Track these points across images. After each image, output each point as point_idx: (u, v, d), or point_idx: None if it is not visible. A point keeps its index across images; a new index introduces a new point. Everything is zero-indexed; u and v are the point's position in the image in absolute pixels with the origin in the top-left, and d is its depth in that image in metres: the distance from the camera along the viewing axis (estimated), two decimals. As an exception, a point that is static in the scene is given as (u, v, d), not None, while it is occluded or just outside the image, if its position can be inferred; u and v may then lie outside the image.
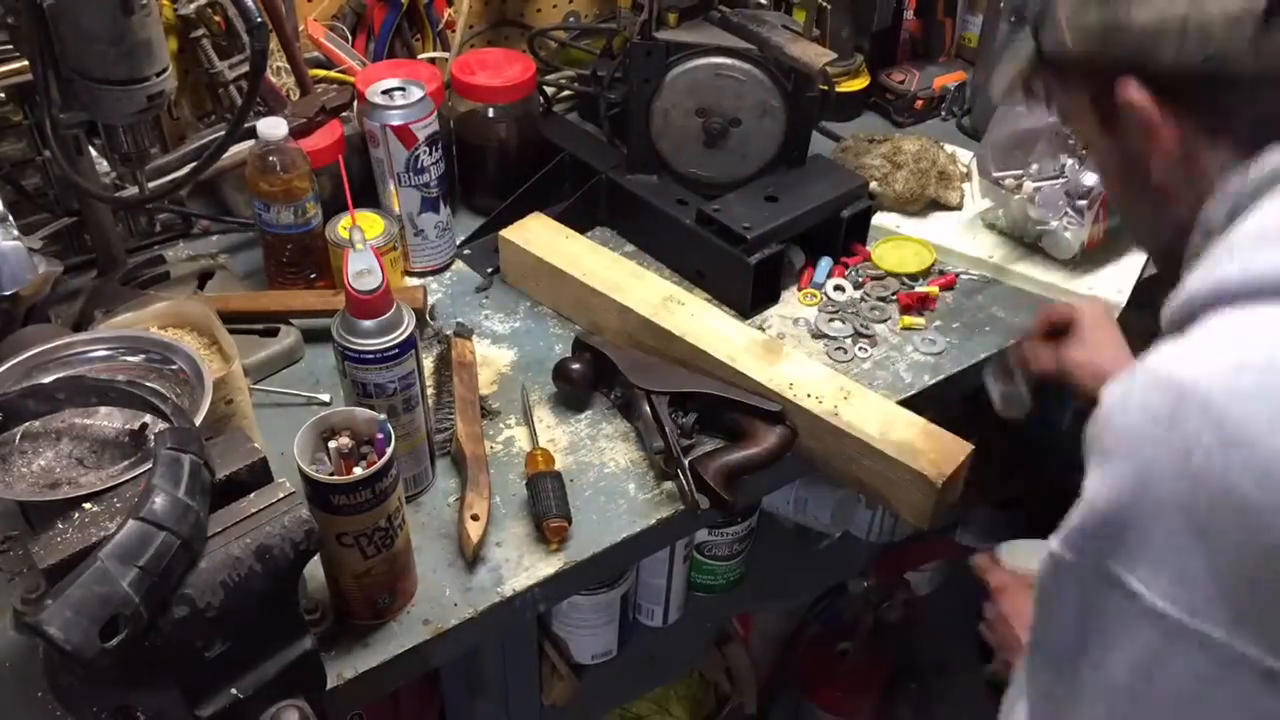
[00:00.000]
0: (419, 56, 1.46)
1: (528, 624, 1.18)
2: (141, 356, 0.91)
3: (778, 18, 1.28)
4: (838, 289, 1.28)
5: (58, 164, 1.04)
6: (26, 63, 1.03)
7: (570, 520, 0.99)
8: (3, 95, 1.11)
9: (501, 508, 1.02)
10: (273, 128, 1.11)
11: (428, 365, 1.15)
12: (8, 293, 0.99)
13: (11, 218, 1.01)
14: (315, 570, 0.88)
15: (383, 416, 0.85)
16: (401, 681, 0.94)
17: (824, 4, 1.29)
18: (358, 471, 0.82)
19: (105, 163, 1.19)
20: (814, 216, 1.26)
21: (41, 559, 0.69)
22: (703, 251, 1.25)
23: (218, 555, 0.71)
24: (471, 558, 0.97)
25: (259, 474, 0.77)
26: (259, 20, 0.95)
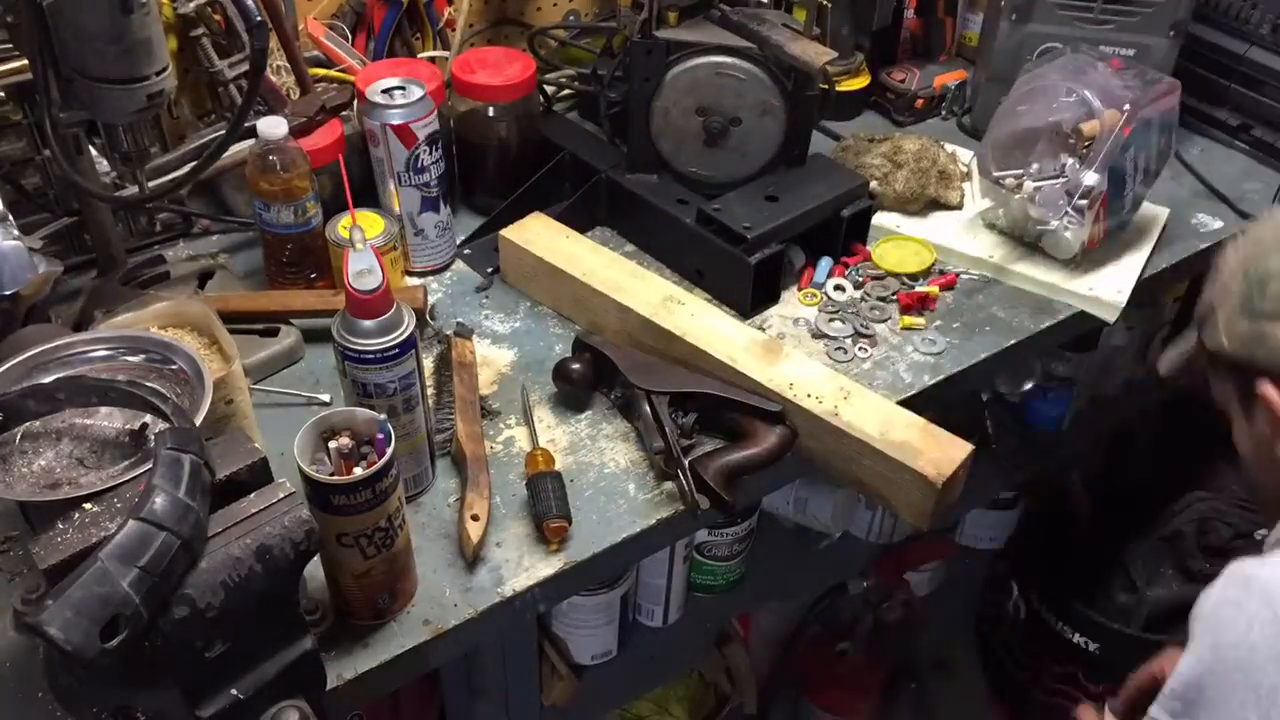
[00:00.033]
0: (419, 55, 1.45)
1: (528, 624, 1.18)
2: (141, 356, 0.91)
3: (778, 16, 1.28)
4: (838, 289, 1.28)
5: (58, 163, 1.04)
6: (26, 62, 1.03)
7: (570, 520, 0.99)
8: (3, 95, 1.11)
9: (501, 508, 1.02)
10: (273, 127, 1.11)
11: (428, 365, 1.15)
12: (8, 293, 0.99)
13: (11, 218, 1.01)
14: (315, 570, 0.88)
15: (383, 416, 0.85)
16: (401, 682, 0.94)
17: (824, 2, 1.28)
18: (358, 471, 0.82)
19: (105, 162, 1.19)
20: (814, 216, 1.26)
21: (42, 559, 0.69)
22: (703, 251, 1.25)
23: (218, 555, 0.71)
24: (471, 558, 0.97)
25: (259, 474, 0.77)
26: (259, 19, 0.94)
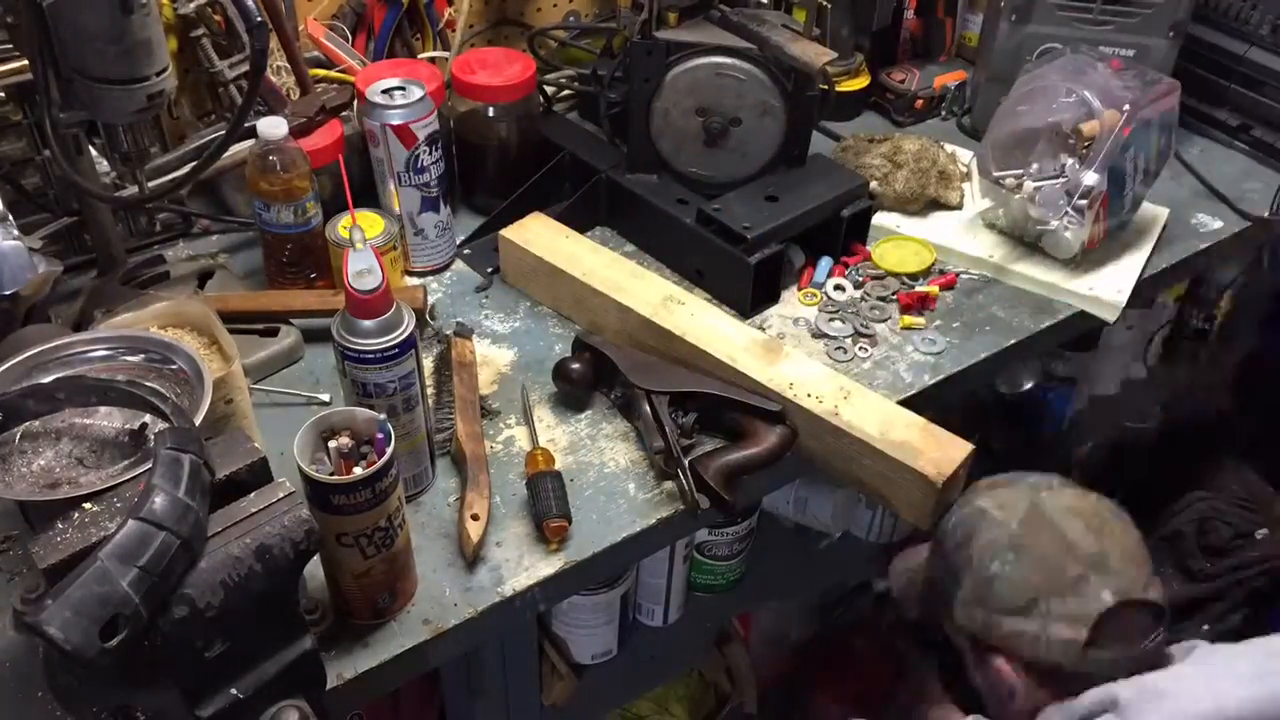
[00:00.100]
0: (419, 56, 1.46)
1: (528, 624, 1.18)
2: (141, 356, 0.91)
3: (778, 17, 1.28)
4: (838, 289, 1.28)
5: (58, 163, 1.04)
6: (26, 62, 1.03)
7: (570, 520, 0.99)
8: (3, 95, 1.11)
9: (501, 508, 1.02)
10: (273, 127, 1.11)
11: (428, 365, 1.15)
12: (8, 293, 0.99)
13: (11, 217, 1.01)
14: (315, 570, 0.88)
15: (383, 416, 0.85)
16: (401, 681, 0.94)
17: (824, 3, 1.28)
18: (358, 471, 0.82)
19: (105, 162, 1.19)
20: (814, 216, 1.26)
21: (41, 559, 0.69)
22: (703, 251, 1.25)
23: (218, 555, 0.71)
24: (471, 558, 0.97)
25: (259, 474, 0.77)
26: (259, 19, 0.94)
